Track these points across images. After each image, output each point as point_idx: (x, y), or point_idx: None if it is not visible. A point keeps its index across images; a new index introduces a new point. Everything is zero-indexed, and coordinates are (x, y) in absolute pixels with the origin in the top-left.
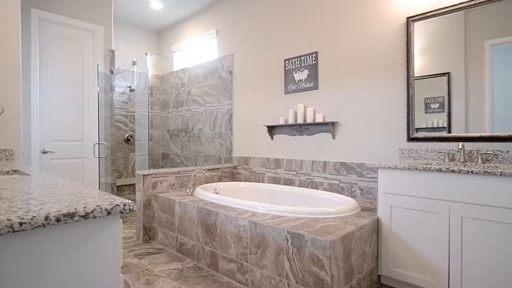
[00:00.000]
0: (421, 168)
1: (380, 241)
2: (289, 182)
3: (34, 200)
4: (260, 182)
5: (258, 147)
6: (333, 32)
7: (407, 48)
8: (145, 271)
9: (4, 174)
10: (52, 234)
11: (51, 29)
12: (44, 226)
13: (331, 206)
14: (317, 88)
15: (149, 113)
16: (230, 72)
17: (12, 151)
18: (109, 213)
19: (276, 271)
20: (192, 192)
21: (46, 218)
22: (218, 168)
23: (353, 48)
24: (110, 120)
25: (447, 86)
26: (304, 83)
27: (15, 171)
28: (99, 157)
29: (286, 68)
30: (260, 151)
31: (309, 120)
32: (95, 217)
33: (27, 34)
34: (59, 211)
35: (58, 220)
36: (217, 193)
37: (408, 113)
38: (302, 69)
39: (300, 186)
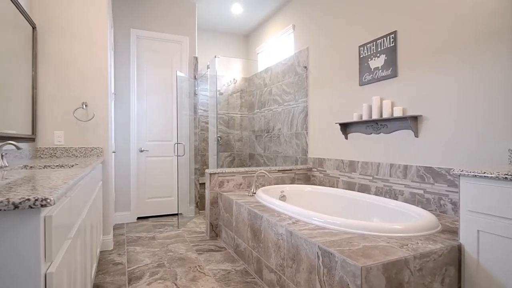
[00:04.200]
0: None
1: (463, 278)
2: (364, 189)
3: None
4: (334, 186)
5: (332, 147)
6: (415, 3)
7: None
8: (197, 267)
9: (69, 167)
10: None
11: (146, 44)
12: None
13: (406, 220)
14: (395, 76)
15: (217, 115)
16: (305, 67)
17: (101, 149)
18: (16, 207)
19: None
20: (254, 193)
21: None
22: (290, 170)
23: (441, 19)
24: (194, 122)
25: None
26: (380, 71)
27: (72, 166)
28: (177, 156)
29: (361, 56)
30: (334, 152)
31: (385, 115)
32: None
33: (127, 50)
34: None
35: None
36: (283, 195)
37: None
38: (378, 55)
39: (376, 194)
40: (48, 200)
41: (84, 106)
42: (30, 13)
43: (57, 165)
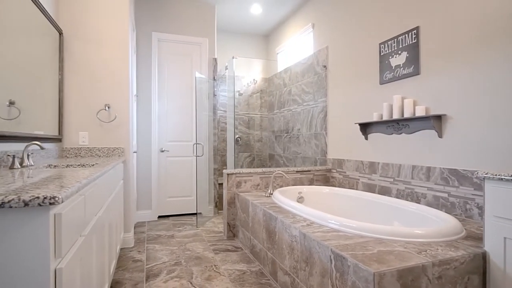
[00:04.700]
0: None
1: (488, 287)
2: (385, 191)
3: (5, 186)
4: (353, 188)
5: (352, 148)
6: None
7: None
8: (213, 267)
9: (90, 166)
10: None
11: (166, 47)
12: None
13: (427, 225)
14: (418, 74)
15: (235, 115)
16: (324, 66)
17: (122, 149)
18: (26, 204)
19: None
20: (271, 193)
21: None
22: (309, 171)
23: (468, 12)
24: (213, 122)
25: None
26: (402, 68)
27: (92, 165)
28: (196, 156)
29: (381, 54)
30: (354, 153)
31: (407, 115)
32: (11, 207)
33: (149, 53)
34: None
35: None
36: (301, 197)
37: None
38: (399, 52)
39: (397, 197)
40: (56, 198)
41: (106, 108)
42: (57, 20)
43: (79, 164)
